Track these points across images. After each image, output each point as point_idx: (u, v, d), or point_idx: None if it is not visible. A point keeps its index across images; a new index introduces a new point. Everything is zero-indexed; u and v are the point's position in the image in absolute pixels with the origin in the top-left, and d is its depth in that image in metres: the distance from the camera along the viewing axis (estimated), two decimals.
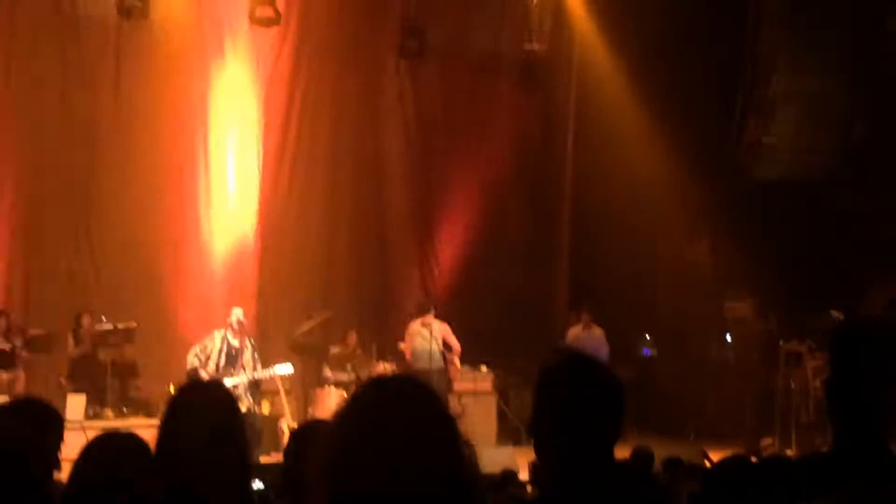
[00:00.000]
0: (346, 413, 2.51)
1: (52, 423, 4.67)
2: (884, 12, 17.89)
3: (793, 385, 17.17)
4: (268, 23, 18.43)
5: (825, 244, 18.68)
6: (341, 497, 2.41)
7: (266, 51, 19.34)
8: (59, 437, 4.68)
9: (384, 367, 17.05)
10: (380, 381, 2.60)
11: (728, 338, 19.81)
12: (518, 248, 20.81)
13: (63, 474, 4.52)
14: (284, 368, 15.32)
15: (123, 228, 18.40)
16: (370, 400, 2.52)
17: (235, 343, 14.78)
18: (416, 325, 17.10)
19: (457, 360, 17.29)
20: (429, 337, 16.93)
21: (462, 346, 17.72)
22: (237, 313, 14.83)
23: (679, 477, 8.77)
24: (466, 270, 20.55)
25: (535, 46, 20.27)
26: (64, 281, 18.24)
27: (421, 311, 17.21)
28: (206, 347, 14.74)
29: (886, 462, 3.40)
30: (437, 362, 16.87)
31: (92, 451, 4.05)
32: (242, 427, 4.11)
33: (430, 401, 2.53)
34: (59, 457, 4.65)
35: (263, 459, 13.80)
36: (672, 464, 9.95)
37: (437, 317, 17.78)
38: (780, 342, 17.69)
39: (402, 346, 17.54)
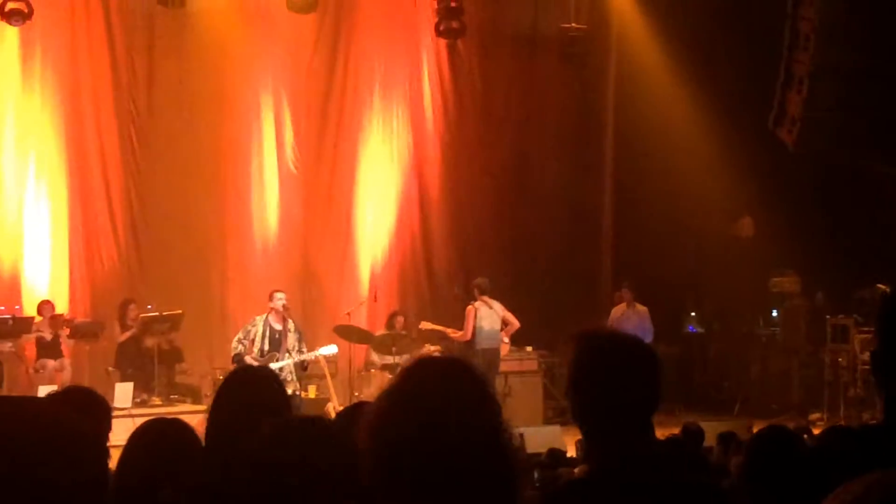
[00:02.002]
0: (390, 394, 2.51)
1: (99, 412, 4.67)
2: None
3: (840, 359, 17.10)
4: (306, 9, 18.45)
5: (870, 217, 18.57)
6: (384, 477, 2.40)
7: (305, 36, 19.36)
8: (107, 426, 4.68)
9: (430, 350, 17.03)
10: (424, 363, 2.59)
11: (774, 313, 19.71)
12: (561, 228, 20.71)
13: (111, 462, 4.54)
14: (329, 349, 15.35)
15: (170, 216, 18.52)
16: (414, 382, 2.51)
17: (279, 327, 14.79)
18: (479, 305, 16.94)
19: (507, 339, 17.19)
20: (493, 316, 16.85)
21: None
22: (280, 297, 14.84)
23: (732, 451, 8.74)
24: (509, 250, 20.51)
25: (575, 24, 20.15)
26: (110, 270, 18.37)
27: (482, 291, 17.05)
28: (249, 333, 14.76)
29: None
30: (498, 341, 16.80)
31: (138, 439, 4.07)
32: (289, 410, 4.12)
33: (476, 383, 2.52)
34: (107, 445, 4.66)
35: None
36: (726, 438, 9.92)
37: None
38: (827, 317, 17.61)
39: (430, 326, 17.37)
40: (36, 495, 2.03)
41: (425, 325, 17.29)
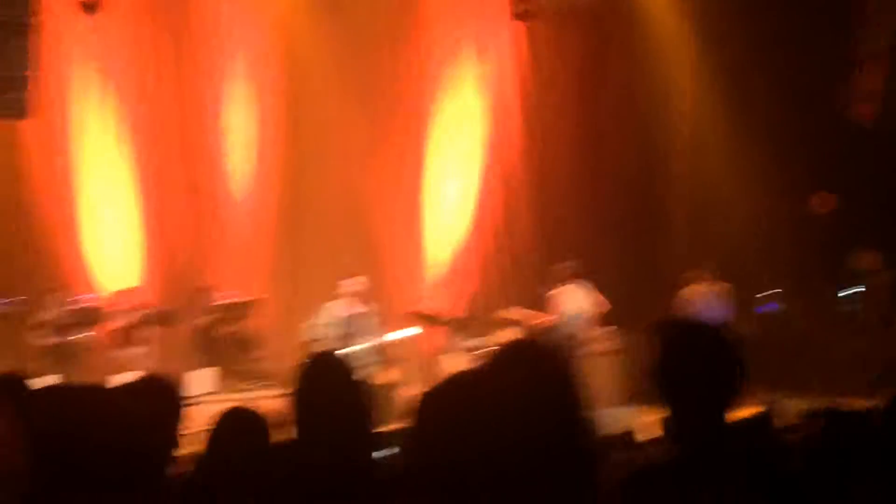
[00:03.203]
0: (475, 379, 2.49)
1: (170, 401, 4.68)
2: None
3: None
4: None
5: None
6: (464, 459, 2.38)
7: (373, 13, 19.38)
8: (177, 415, 4.68)
9: (507, 333, 16.98)
10: (510, 348, 2.58)
11: (854, 290, 19.48)
12: (637, 205, 20.59)
13: (185, 449, 4.55)
14: (409, 332, 15.35)
15: (244, 200, 18.67)
16: (499, 366, 2.50)
17: (358, 310, 14.82)
18: (566, 288, 16.85)
19: (597, 322, 17.08)
20: (581, 299, 16.78)
21: None
22: (357, 281, 14.86)
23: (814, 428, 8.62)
24: (586, 230, 20.40)
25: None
26: (187, 256, 18.51)
27: (569, 274, 16.98)
28: (327, 317, 14.80)
29: None
30: (585, 324, 16.71)
31: (217, 431, 4.09)
32: (367, 399, 4.13)
33: (558, 368, 2.50)
34: (178, 435, 4.66)
35: (385, 428, 13.83)
36: (807, 416, 9.80)
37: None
38: None
39: (509, 313, 17.28)
40: (87, 480, 2.02)
41: (509, 311, 17.22)
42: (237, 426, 4.17)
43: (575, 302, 16.66)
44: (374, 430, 4.19)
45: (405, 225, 19.79)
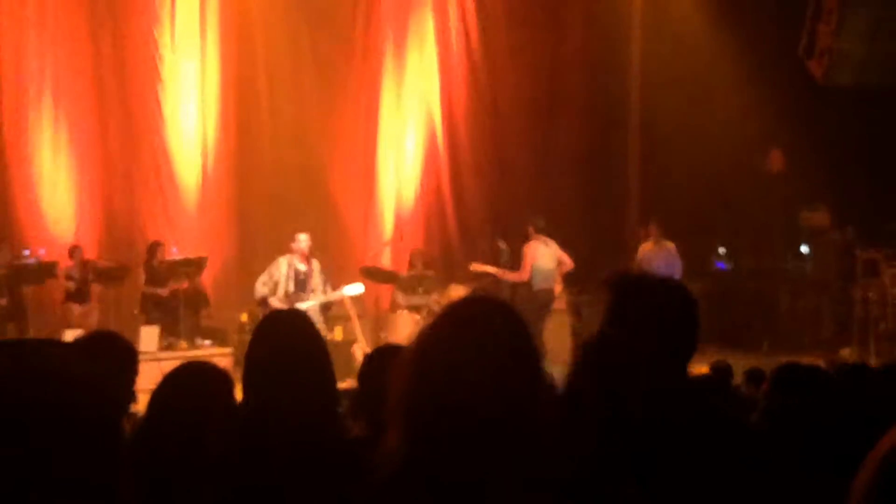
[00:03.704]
0: (426, 337, 2.45)
1: (126, 356, 4.65)
2: None
3: (871, 294, 16.99)
4: None
5: None
6: (420, 423, 2.34)
7: None
8: (133, 371, 4.68)
9: (458, 290, 16.97)
10: (463, 303, 2.55)
11: (804, 248, 19.58)
12: (587, 160, 20.58)
13: (139, 406, 4.50)
14: (355, 289, 15.29)
15: (194, 162, 18.60)
16: (453, 323, 2.45)
17: (303, 268, 14.77)
18: (536, 244, 16.81)
19: (560, 278, 17.06)
20: (550, 255, 16.74)
21: None
22: (304, 238, 14.79)
23: (758, 388, 8.66)
24: (534, 184, 20.37)
25: None
26: (135, 214, 18.41)
27: (538, 229, 16.93)
28: (273, 275, 14.75)
29: None
30: (553, 281, 16.68)
31: (172, 381, 4.05)
32: (326, 352, 4.09)
33: (515, 324, 2.46)
34: (135, 390, 4.65)
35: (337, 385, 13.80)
36: (754, 375, 9.83)
37: (504, 233, 17.75)
38: (857, 251, 17.49)
39: (481, 267, 17.24)
40: (43, 441, 1.98)
41: (476, 266, 17.12)
42: (198, 381, 4.11)
43: (546, 257, 16.65)
44: (335, 384, 4.15)
45: (358, 184, 19.73)
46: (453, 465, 2.31)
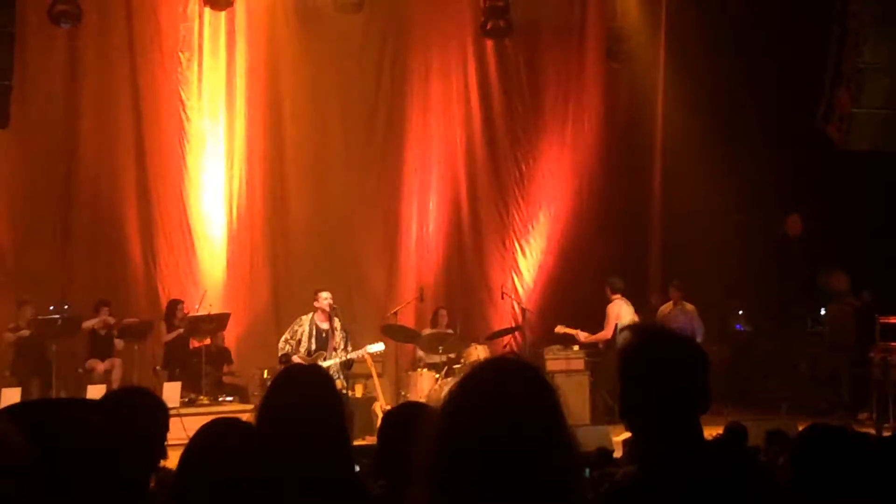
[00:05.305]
0: (455, 396, 2.50)
1: (157, 412, 4.67)
2: None
3: (889, 358, 16.96)
4: (352, 9, 18.48)
5: None
6: (448, 475, 2.41)
7: (350, 36, 19.41)
8: (165, 426, 4.67)
9: (478, 349, 17.03)
10: (491, 363, 2.59)
11: (823, 312, 19.58)
12: (608, 224, 20.64)
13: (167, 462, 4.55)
14: (376, 347, 15.35)
15: (218, 218, 18.73)
16: (481, 383, 2.51)
17: (325, 326, 14.82)
18: (621, 303, 17.15)
19: None
20: (630, 314, 17.05)
21: (554, 324, 17.93)
22: (326, 296, 14.85)
23: (780, 449, 8.70)
24: (556, 251, 20.50)
25: (621, 20, 20.09)
26: (155, 270, 18.50)
27: (615, 289, 17.26)
28: (295, 332, 14.80)
29: None
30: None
31: (204, 438, 4.09)
32: (342, 407, 4.14)
33: (540, 383, 2.52)
34: (165, 445, 4.66)
35: (357, 442, 13.82)
36: (774, 437, 9.88)
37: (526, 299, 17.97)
38: (876, 315, 17.47)
39: (566, 329, 17.42)
40: (85, 495, 2.06)
41: (560, 328, 17.44)
42: (225, 436, 4.15)
43: (628, 316, 16.93)
44: (350, 439, 4.20)
45: (381, 243, 19.81)
46: None
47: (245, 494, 3.34)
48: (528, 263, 20.50)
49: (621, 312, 17.00)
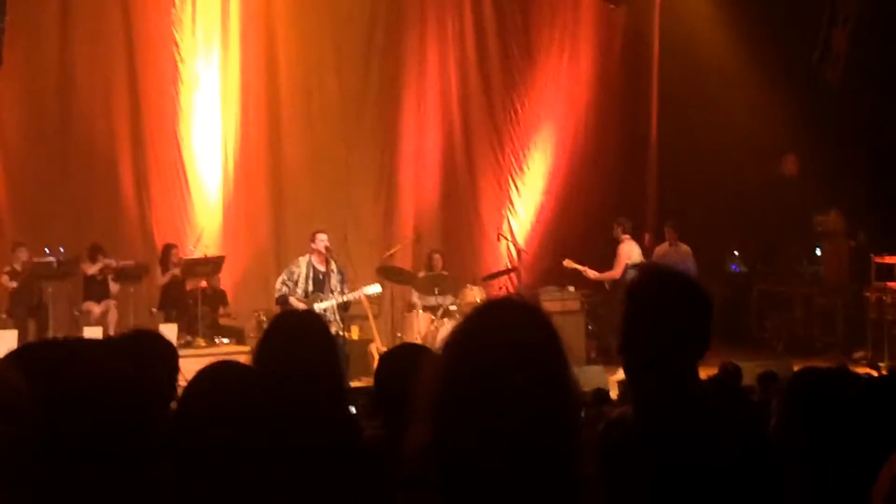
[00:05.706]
0: (457, 339, 2.50)
1: (167, 355, 4.66)
2: None
3: (884, 298, 17.00)
4: None
5: None
6: (450, 425, 2.41)
7: None
8: (175, 368, 4.64)
9: (474, 290, 17.06)
10: (493, 305, 2.59)
11: (818, 252, 19.60)
12: (605, 166, 20.62)
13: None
14: (373, 289, 15.37)
15: (214, 161, 18.71)
16: (483, 323, 2.51)
17: (322, 268, 14.82)
18: (632, 245, 17.21)
19: None
20: (640, 255, 17.12)
21: (550, 267, 18.11)
22: (322, 238, 14.83)
23: (773, 391, 8.73)
24: (552, 192, 20.50)
25: None
26: (150, 212, 18.50)
27: (626, 230, 17.32)
28: (292, 274, 14.80)
29: None
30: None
31: (201, 380, 4.09)
32: (337, 352, 4.14)
33: (542, 324, 2.52)
34: (176, 386, 4.64)
35: (353, 384, 13.85)
36: (767, 378, 9.91)
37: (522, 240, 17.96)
38: (871, 255, 17.50)
39: (573, 265, 17.43)
40: (93, 437, 2.08)
41: (568, 263, 17.39)
42: (226, 377, 4.14)
43: (637, 256, 17.00)
44: (345, 384, 4.20)
45: (377, 184, 19.80)
46: (484, 455, 2.38)
47: (244, 435, 3.35)
48: (523, 204, 20.47)
49: (633, 253, 17.05)
